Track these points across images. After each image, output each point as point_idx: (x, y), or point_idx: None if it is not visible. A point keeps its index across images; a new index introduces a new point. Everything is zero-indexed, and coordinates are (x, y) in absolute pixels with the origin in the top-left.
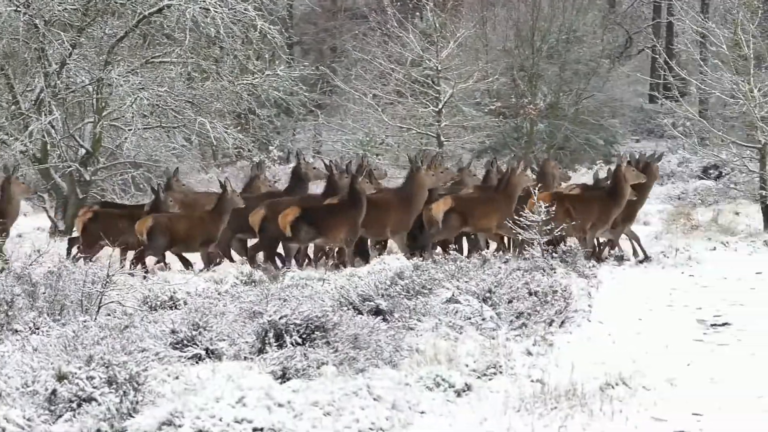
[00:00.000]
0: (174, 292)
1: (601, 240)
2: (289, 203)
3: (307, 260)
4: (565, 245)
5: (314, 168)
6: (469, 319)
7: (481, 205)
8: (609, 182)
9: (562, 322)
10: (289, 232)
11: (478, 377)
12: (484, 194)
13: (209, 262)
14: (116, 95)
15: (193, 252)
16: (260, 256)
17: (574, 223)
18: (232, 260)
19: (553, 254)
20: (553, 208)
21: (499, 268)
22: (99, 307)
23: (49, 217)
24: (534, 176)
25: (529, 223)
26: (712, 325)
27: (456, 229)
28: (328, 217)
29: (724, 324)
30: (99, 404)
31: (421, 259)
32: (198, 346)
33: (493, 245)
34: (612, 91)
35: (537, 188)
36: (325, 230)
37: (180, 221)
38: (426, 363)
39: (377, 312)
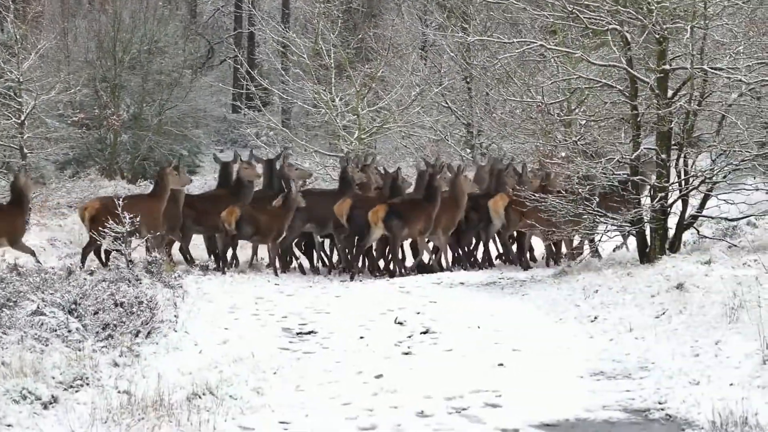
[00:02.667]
0: None
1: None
2: None
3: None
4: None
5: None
6: (55, 331)
7: None
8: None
9: (149, 333)
10: None
11: (65, 389)
12: None
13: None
14: None
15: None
16: None
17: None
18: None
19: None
20: None
21: (85, 279)
22: None
23: None
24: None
25: (114, 234)
26: (297, 333)
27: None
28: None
29: (309, 332)
30: None
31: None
32: None
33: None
34: (195, 102)
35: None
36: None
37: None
38: (12, 376)
39: None
